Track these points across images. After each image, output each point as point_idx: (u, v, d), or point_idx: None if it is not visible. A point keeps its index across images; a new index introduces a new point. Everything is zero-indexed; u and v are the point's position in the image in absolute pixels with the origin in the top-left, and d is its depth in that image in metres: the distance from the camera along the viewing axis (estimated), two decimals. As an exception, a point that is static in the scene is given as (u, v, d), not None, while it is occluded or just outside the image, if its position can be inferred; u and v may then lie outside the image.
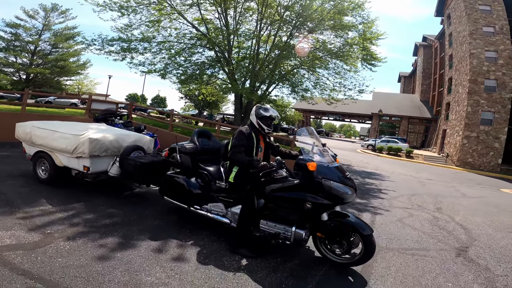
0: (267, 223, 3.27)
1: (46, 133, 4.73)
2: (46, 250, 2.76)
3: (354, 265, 3.16)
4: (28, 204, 3.82)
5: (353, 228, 3.07)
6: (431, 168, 19.29)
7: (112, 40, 13.12)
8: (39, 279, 2.32)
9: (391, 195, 7.95)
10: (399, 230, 4.87)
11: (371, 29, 13.65)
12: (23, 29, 30.80)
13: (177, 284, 2.51)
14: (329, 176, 3.08)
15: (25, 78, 31.60)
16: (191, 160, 3.95)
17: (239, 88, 13.55)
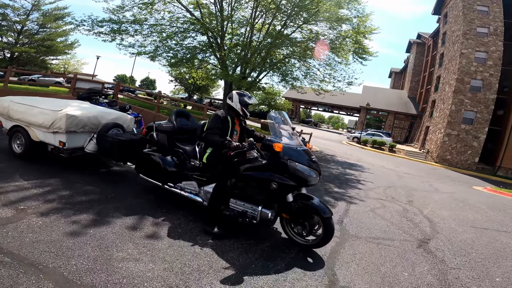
0: (236, 202, 3.41)
1: (24, 108, 4.73)
2: (17, 226, 2.77)
3: (315, 247, 3.35)
4: (2, 180, 3.77)
5: (315, 210, 3.23)
6: (411, 163, 19.95)
7: (102, 21, 12.89)
8: (7, 254, 2.33)
9: (368, 186, 8.29)
10: (370, 219, 5.12)
11: (365, 23, 13.76)
12: (11, 9, 29.61)
13: (148, 260, 2.59)
14: (295, 158, 3.21)
15: (9, 56, 30.65)
16: (168, 138, 4.04)
17: (229, 75, 13.55)
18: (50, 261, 2.35)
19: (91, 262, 2.44)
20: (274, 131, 3.50)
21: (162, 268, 2.54)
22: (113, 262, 2.48)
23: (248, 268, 2.82)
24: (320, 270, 3.02)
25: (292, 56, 14.85)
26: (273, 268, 2.90)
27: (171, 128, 4.18)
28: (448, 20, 29.51)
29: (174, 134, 4.13)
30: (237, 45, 14.21)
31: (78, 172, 4.70)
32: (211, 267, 2.72)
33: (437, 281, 3.22)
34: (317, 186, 7.00)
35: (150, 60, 14.25)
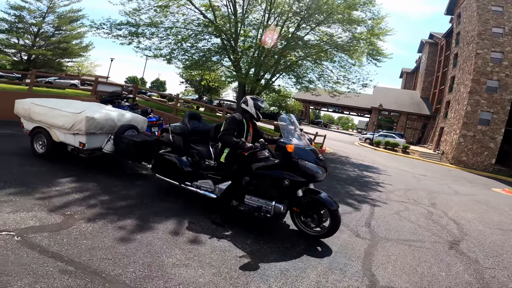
0: (251, 198, 3.65)
1: (45, 110, 4.92)
2: (70, 232, 2.83)
3: (323, 237, 3.66)
4: (44, 184, 3.89)
5: (323, 203, 3.55)
6: (426, 165, 19.69)
7: (121, 24, 13.07)
8: (69, 262, 2.37)
9: (388, 188, 8.25)
10: (397, 222, 5.17)
11: (379, 25, 13.66)
12: (27, 12, 30.25)
13: (196, 265, 2.67)
14: (305, 157, 3.52)
15: (26, 59, 31.25)
16: (183, 140, 4.23)
17: (244, 78, 13.62)
18: (110, 268, 2.41)
19: (147, 268, 2.50)
20: (285, 132, 3.76)
21: (211, 273, 2.61)
22: (166, 268, 2.55)
23: (289, 271, 2.90)
24: (358, 271, 3.12)
25: (305, 58, 14.84)
26: (313, 271, 2.98)
27: (186, 130, 4.37)
28: (461, 21, 29.07)
29: (188, 136, 4.32)
30: (251, 47, 14.28)
31: (111, 176, 4.84)
32: (256, 270, 2.80)
33: (475, 280, 3.34)
34: (338, 189, 7.05)
35: (166, 63, 14.41)
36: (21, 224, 2.82)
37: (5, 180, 3.80)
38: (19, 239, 2.57)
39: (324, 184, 7.27)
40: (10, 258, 2.28)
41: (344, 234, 4.11)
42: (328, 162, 11.99)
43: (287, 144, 3.48)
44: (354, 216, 5.08)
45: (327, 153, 15.53)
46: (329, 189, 6.81)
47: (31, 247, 2.49)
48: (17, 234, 2.63)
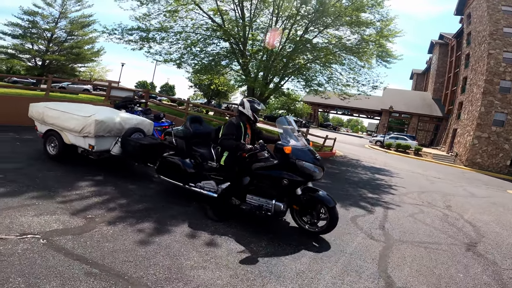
0: (252, 197, 3.77)
1: (57, 113, 5.11)
2: (92, 235, 2.89)
3: (322, 234, 3.79)
4: (64, 188, 3.99)
5: (321, 201, 3.68)
6: (439, 167, 19.34)
7: (132, 29, 13.28)
8: (93, 264, 2.43)
9: (401, 191, 8.15)
10: (411, 224, 5.11)
11: (388, 27, 13.59)
12: (40, 17, 30.98)
13: (214, 268, 2.70)
14: (302, 157, 3.64)
15: (41, 64, 31.94)
16: (185, 143, 4.38)
17: (253, 81, 13.69)
18: (132, 271, 2.46)
19: (166, 271, 2.54)
20: (283, 134, 3.90)
21: (228, 275, 2.65)
22: (184, 271, 2.59)
23: (305, 273, 2.92)
24: (373, 273, 3.12)
25: (314, 61, 14.84)
26: (329, 272, 3.00)
27: (188, 133, 4.49)
28: (472, 21, 28.68)
29: (190, 139, 4.45)
30: (259, 51, 14.37)
31: (127, 180, 4.93)
32: (272, 272, 2.82)
33: (494, 281, 3.33)
34: (350, 192, 7.01)
35: (176, 67, 14.61)
36: (45, 227, 2.91)
37: (28, 184, 3.93)
38: (45, 242, 2.65)
39: (336, 188, 7.27)
40: (37, 260, 2.35)
41: (358, 237, 4.09)
42: (339, 165, 11.94)
43: (285, 146, 3.61)
44: (367, 219, 5.04)
45: (337, 156, 15.44)
46: (342, 192, 6.80)
47: (57, 250, 2.56)
48: (42, 237, 2.72)
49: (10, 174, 4.15)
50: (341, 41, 14.13)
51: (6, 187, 3.67)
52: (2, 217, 2.92)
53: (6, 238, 2.57)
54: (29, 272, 2.19)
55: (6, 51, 30.84)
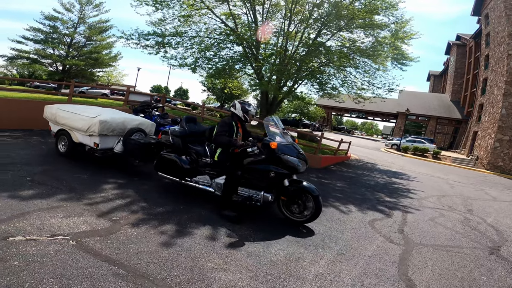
0: (243, 189, 4.11)
1: (68, 114, 5.55)
2: (118, 237, 2.98)
3: (307, 222, 4.11)
4: (90, 191, 4.13)
5: (307, 191, 4.05)
6: (459, 171, 18.77)
7: (148, 34, 13.62)
8: (120, 265, 2.50)
9: (420, 195, 7.99)
10: (431, 228, 5.03)
11: (403, 29, 13.38)
12: (60, 22, 32.02)
13: (234, 269, 2.74)
14: (287, 152, 4.02)
15: (61, 69, 32.95)
16: (181, 141, 4.67)
17: (267, 85, 13.75)
18: (157, 272, 2.52)
19: (189, 272, 2.60)
20: (270, 132, 4.24)
21: (248, 277, 2.68)
22: (206, 272, 2.64)
23: (323, 275, 2.93)
24: (393, 276, 3.12)
25: (327, 64, 14.75)
26: (348, 275, 3.00)
27: (184, 132, 4.79)
28: (490, 21, 27.91)
29: (186, 137, 4.74)
30: (272, 54, 14.43)
31: (148, 183, 5.06)
32: (291, 274, 2.84)
33: None
34: (367, 196, 6.94)
35: (191, 72, 14.84)
36: (74, 228, 3.02)
37: (56, 186, 4.10)
38: (74, 243, 2.75)
39: (352, 191, 7.21)
40: (68, 262, 2.44)
41: (376, 240, 4.07)
42: (355, 169, 11.81)
43: (271, 142, 3.95)
44: (385, 223, 4.99)
45: (352, 159, 15.25)
46: (358, 196, 6.75)
47: (86, 251, 2.65)
48: (72, 238, 2.82)
49: (38, 177, 4.34)
50: (355, 44, 14.02)
51: (35, 189, 3.84)
52: (33, 219, 3.06)
53: (38, 239, 2.68)
54: (61, 273, 2.27)
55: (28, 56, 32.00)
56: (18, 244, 2.55)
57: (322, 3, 13.16)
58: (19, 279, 2.12)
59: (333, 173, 9.89)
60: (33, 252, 2.47)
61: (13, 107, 8.00)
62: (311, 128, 33.60)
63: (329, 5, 12.92)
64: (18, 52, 31.69)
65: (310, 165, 10.08)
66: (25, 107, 7.98)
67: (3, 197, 3.43)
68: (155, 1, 13.19)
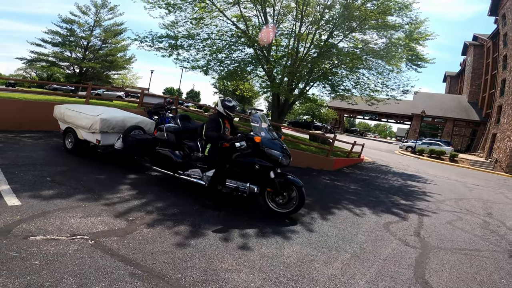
0: (230, 181, 4.38)
1: (74, 113, 5.96)
2: (134, 237, 3.04)
3: (292, 213, 4.34)
4: (107, 191, 4.25)
5: (291, 182, 4.28)
6: (477, 174, 18.20)
7: (161, 36, 13.80)
8: (136, 265, 2.54)
9: (436, 198, 7.80)
10: (449, 231, 4.92)
11: (418, 29, 13.12)
12: (77, 25, 32.91)
13: (247, 271, 2.75)
14: (270, 146, 4.29)
15: (78, 72, 33.82)
16: (176, 137, 4.99)
17: (278, 87, 13.73)
18: (171, 272, 2.55)
19: (203, 273, 2.62)
20: (256, 128, 4.51)
21: (261, 278, 2.69)
22: (219, 273, 2.66)
23: (337, 277, 2.90)
24: (409, 279, 3.07)
25: (340, 66, 14.58)
26: (362, 277, 2.96)
27: (178, 129, 5.11)
28: (507, 21, 27.10)
29: (180, 134, 5.05)
30: (283, 56, 14.39)
31: (163, 185, 5.13)
32: (304, 276, 2.83)
33: None
34: (381, 198, 6.83)
35: (203, 74, 14.95)
36: (92, 228, 3.10)
37: (75, 186, 4.23)
38: (93, 242, 2.82)
39: (366, 194, 7.12)
40: (87, 261, 2.50)
41: (392, 243, 4.01)
42: (368, 172, 11.64)
43: (255, 136, 4.24)
44: (401, 226, 4.90)
45: (366, 162, 15.03)
46: (372, 199, 6.65)
47: (104, 251, 2.71)
48: (90, 237, 2.90)
49: (57, 177, 4.48)
50: (368, 45, 13.82)
51: (55, 189, 3.97)
52: (53, 218, 3.16)
53: (58, 239, 2.76)
54: (80, 273, 2.32)
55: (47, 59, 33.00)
56: (39, 243, 2.63)
57: (333, 5, 13.05)
58: (40, 278, 2.17)
59: (346, 176, 9.77)
60: (53, 251, 2.55)
61: (33, 109, 8.29)
62: (323, 130, 33.31)
63: (341, 6, 12.80)
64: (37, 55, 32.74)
65: (322, 167, 10.07)
66: (45, 109, 8.19)
67: (25, 197, 3.56)
68: (167, 4, 13.36)
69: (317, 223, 4.40)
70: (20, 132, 7.52)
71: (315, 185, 7.34)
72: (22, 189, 3.79)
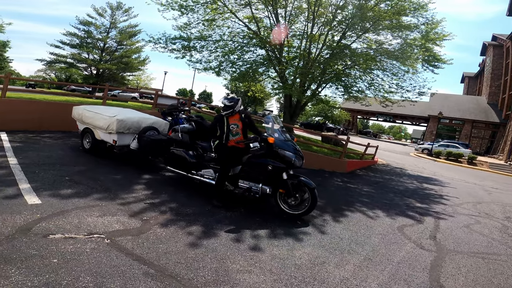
0: (243, 182, 4.42)
1: (91, 114, 6.13)
2: (148, 236, 3.09)
3: (303, 215, 4.30)
4: (123, 191, 4.35)
5: (304, 183, 4.27)
6: (497, 177, 17.58)
7: (175, 38, 14.00)
8: (150, 265, 2.58)
9: (453, 201, 7.59)
10: (466, 235, 4.82)
11: (435, 30, 12.81)
12: (94, 27, 33.76)
13: (258, 272, 2.76)
14: (283, 147, 4.31)
15: (95, 73, 34.65)
16: (189, 137, 5.10)
17: (290, 89, 13.68)
18: (184, 272, 2.58)
19: (214, 273, 2.64)
20: (269, 129, 4.53)
21: (272, 279, 2.69)
22: (231, 274, 2.68)
23: (349, 280, 2.88)
24: (424, 282, 3.04)
25: (353, 67, 14.39)
26: (375, 280, 2.94)
27: (192, 129, 5.25)
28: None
29: (194, 134, 5.15)
30: (296, 57, 14.33)
31: (177, 185, 5.20)
32: (315, 278, 2.82)
33: None
34: (395, 201, 6.72)
35: (216, 75, 15.07)
36: (108, 227, 3.18)
37: (92, 186, 4.35)
38: (109, 241, 2.89)
39: (379, 196, 7.02)
40: (103, 260, 2.56)
41: (406, 246, 3.95)
42: (382, 174, 11.45)
43: (269, 137, 4.25)
44: (416, 229, 4.81)
45: (380, 164, 14.78)
46: (386, 201, 6.56)
47: (119, 250, 2.76)
48: (106, 237, 2.97)
49: (76, 177, 4.62)
50: (382, 46, 13.59)
51: (73, 189, 4.10)
52: (72, 217, 3.26)
53: (76, 237, 2.85)
54: (96, 272, 2.38)
55: (65, 60, 33.94)
56: (58, 242, 2.71)
57: (346, 5, 12.92)
58: (58, 276, 2.23)
59: (360, 178, 9.65)
60: (71, 249, 2.62)
61: (52, 110, 8.56)
62: (335, 132, 32.97)
63: (353, 7, 12.65)
64: (56, 56, 33.72)
65: (335, 169, 9.97)
66: (63, 109, 8.40)
67: (45, 196, 3.69)
68: (180, 6, 13.55)
69: (329, 225, 4.36)
70: (40, 132, 7.78)
71: (328, 187, 7.28)
72: (42, 188, 3.93)
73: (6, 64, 37.86)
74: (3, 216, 3.00)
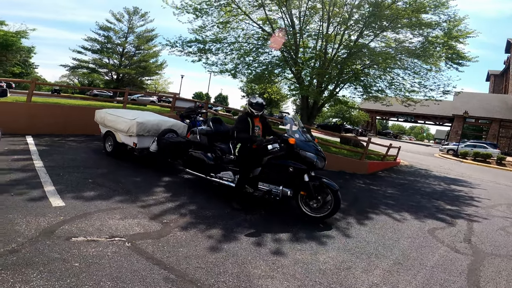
0: (263, 184, 4.31)
1: (113, 117, 6.23)
2: (168, 240, 3.04)
3: (326, 218, 4.14)
4: (143, 193, 4.33)
5: (326, 185, 4.13)
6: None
7: (190, 41, 14.15)
8: (170, 269, 2.53)
9: (485, 203, 7.19)
10: (504, 238, 4.56)
11: (457, 27, 12.29)
12: (113, 32, 34.77)
13: (281, 277, 2.64)
14: (305, 148, 4.19)
15: (116, 77, 35.62)
16: (208, 139, 5.03)
17: (307, 90, 13.49)
18: (204, 277, 2.50)
19: (235, 279, 2.54)
20: (289, 130, 4.45)
21: (296, 285, 2.57)
22: (253, 280, 2.57)
23: (379, 285, 2.75)
24: (462, 287, 2.87)
25: (371, 66, 13.98)
26: (407, 285, 2.80)
27: (210, 132, 5.17)
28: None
29: (212, 136, 5.09)
30: (311, 58, 14.11)
31: (196, 188, 5.16)
32: (341, 284, 2.68)
33: None
34: (423, 203, 6.46)
35: (232, 78, 15.08)
36: (129, 230, 3.16)
37: (114, 188, 4.38)
38: (129, 245, 2.85)
39: (405, 198, 6.76)
40: (124, 264, 2.51)
41: (439, 250, 3.75)
42: (406, 175, 11.05)
43: (289, 138, 4.12)
44: (448, 232, 4.56)
45: (402, 165, 14.27)
46: (413, 203, 6.29)
47: (140, 254, 2.72)
48: (127, 240, 2.94)
49: (98, 179, 4.68)
50: (402, 44, 13.15)
51: (96, 191, 4.14)
52: (94, 219, 3.26)
53: (98, 240, 2.83)
54: (117, 276, 2.33)
55: (87, 66, 35.10)
56: (80, 245, 2.69)
57: (362, 4, 12.60)
58: (79, 281, 2.20)
59: (382, 179, 9.33)
60: (92, 253, 2.59)
61: (76, 114, 8.79)
62: (354, 133, 32.30)
63: (370, 5, 12.32)
64: (79, 61, 34.97)
65: (355, 171, 9.69)
66: (86, 113, 8.52)
67: (68, 198, 3.74)
68: (195, 9, 13.68)
69: (354, 228, 4.19)
70: (65, 136, 7.99)
71: (349, 188, 7.07)
72: (66, 190, 3.98)
73: (32, 70, 39.59)
74: (27, 219, 3.03)
